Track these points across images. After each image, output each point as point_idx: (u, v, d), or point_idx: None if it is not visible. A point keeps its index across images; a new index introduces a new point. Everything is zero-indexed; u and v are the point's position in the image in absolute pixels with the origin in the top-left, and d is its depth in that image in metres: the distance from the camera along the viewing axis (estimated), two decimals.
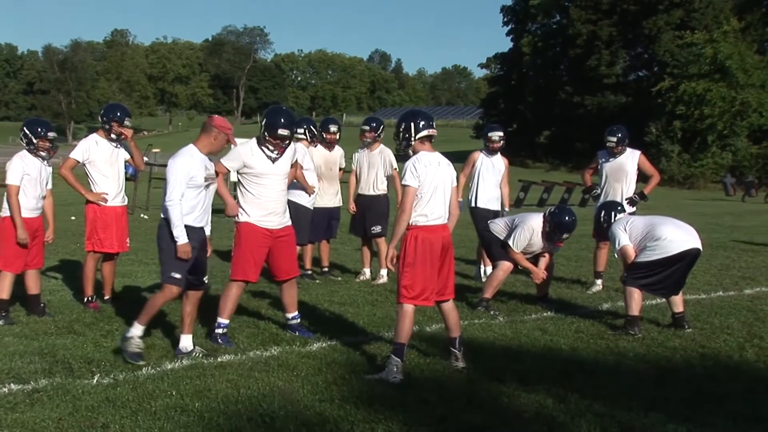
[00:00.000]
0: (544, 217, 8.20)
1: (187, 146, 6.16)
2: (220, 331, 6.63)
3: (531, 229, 8.12)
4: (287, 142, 6.63)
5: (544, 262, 8.36)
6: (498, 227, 8.47)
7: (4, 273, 7.26)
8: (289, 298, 7.02)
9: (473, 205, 9.81)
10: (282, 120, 6.57)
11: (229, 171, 6.76)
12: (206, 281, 6.42)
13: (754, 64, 46.54)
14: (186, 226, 5.98)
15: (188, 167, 5.98)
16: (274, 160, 6.63)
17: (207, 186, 6.13)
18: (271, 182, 6.66)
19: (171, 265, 6.03)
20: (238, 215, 6.68)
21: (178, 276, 6.03)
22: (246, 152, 6.62)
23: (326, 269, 10.22)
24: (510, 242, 8.17)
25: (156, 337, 6.72)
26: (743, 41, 47.09)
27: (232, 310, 6.74)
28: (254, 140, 6.69)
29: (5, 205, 7.17)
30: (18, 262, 7.27)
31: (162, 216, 6.07)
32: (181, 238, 5.94)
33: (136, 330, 6.04)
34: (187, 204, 6.01)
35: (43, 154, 7.26)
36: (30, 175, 7.19)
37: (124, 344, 6.01)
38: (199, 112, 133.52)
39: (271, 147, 6.57)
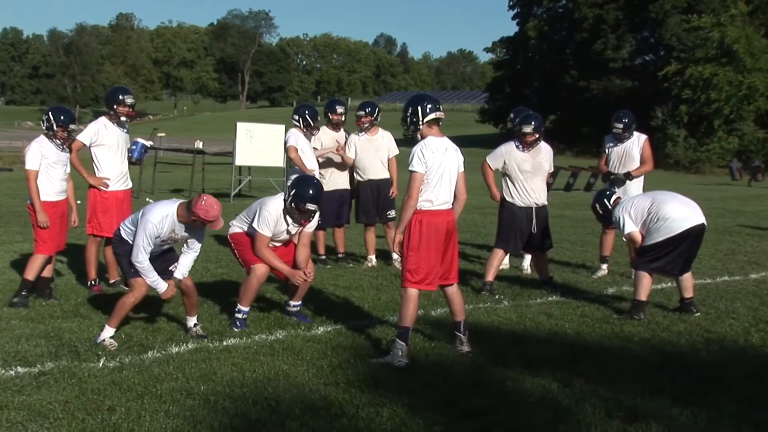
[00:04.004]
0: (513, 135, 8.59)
1: (170, 206, 6.13)
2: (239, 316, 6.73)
3: (503, 149, 8.43)
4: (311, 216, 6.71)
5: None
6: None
7: (36, 255, 7.32)
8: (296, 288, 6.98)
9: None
10: (310, 192, 6.56)
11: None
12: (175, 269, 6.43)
13: (761, 48, 46.14)
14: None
15: (157, 231, 6.04)
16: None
17: (163, 246, 6.26)
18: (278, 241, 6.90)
19: (130, 271, 6.17)
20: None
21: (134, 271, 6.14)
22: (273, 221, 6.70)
23: (341, 255, 10.06)
24: (492, 165, 8.48)
25: (161, 321, 6.75)
26: (751, 25, 46.68)
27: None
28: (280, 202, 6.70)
29: None
30: (50, 244, 7.33)
31: (119, 235, 6.28)
32: (160, 287, 6.15)
33: (107, 332, 6.08)
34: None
35: (58, 141, 7.30)
36: (49, 159, 7.24)
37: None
38: (204, 96, 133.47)
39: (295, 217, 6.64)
